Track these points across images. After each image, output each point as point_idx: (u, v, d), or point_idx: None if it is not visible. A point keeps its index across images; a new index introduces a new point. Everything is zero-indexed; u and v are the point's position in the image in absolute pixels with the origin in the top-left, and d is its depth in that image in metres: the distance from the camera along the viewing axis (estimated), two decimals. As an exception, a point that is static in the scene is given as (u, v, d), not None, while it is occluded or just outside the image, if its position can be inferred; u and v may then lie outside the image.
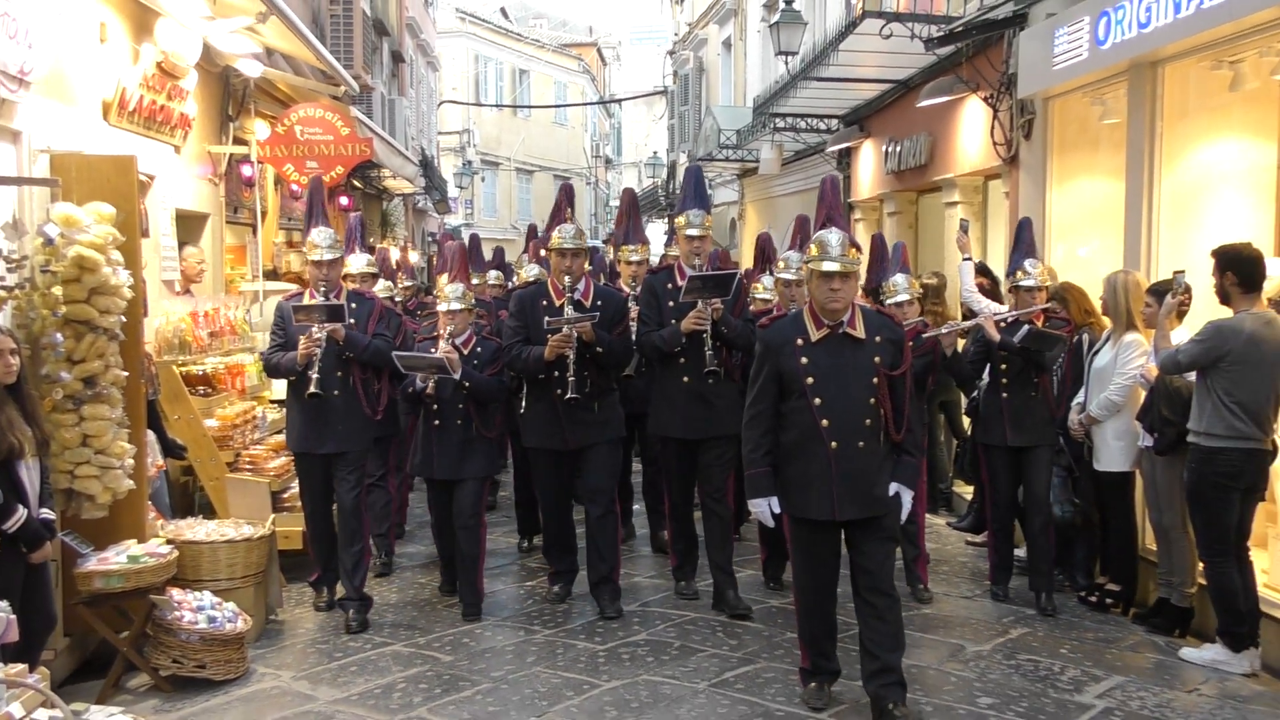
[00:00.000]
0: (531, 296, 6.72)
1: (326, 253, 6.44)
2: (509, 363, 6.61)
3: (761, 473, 4.96)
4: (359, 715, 5.00)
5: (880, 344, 4.90)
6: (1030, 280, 6.74)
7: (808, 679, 5.15)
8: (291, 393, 6.54)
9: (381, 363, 6.52)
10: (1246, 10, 5.97)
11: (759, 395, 4.97)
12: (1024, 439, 6.70)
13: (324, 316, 6.23)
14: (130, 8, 6.92)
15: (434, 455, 6.55)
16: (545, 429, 6.56)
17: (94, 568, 5.38)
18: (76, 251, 5.36)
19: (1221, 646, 5.73)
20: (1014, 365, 6.73)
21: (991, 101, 9.33)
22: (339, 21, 12.95)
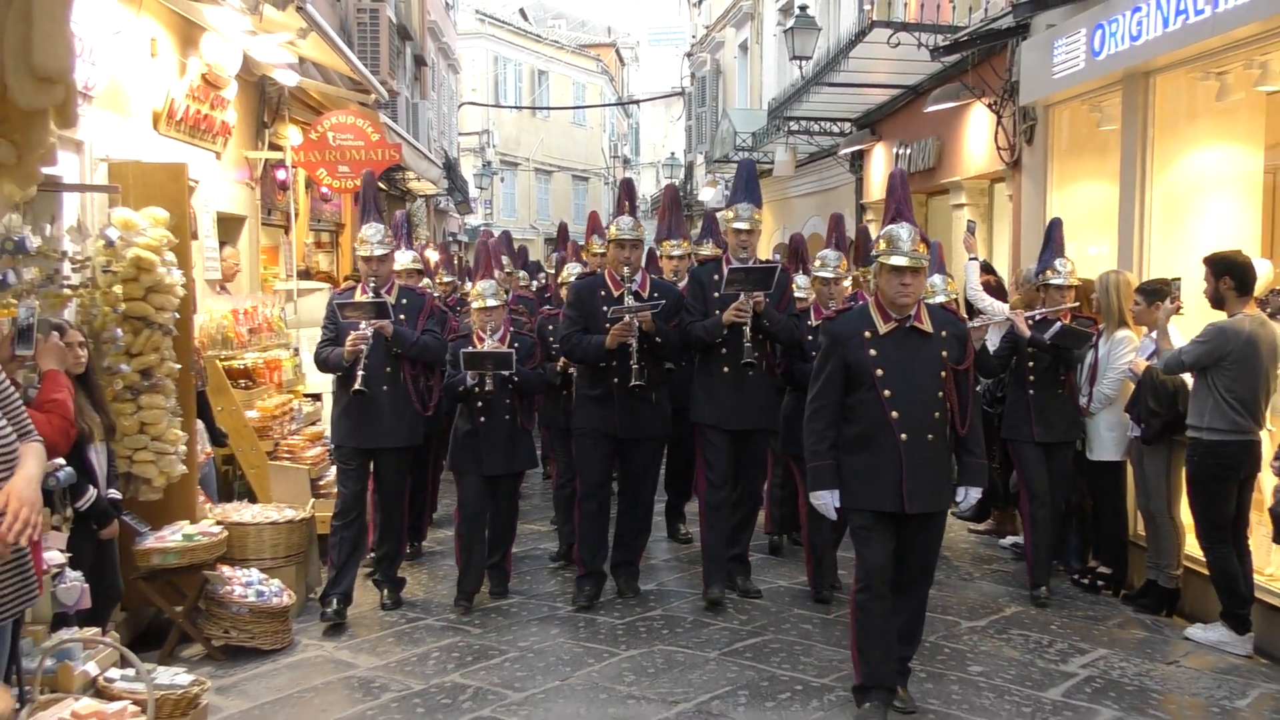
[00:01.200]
0: (589, 287, 6.78)
1: (378, 248, 6.45)
2: (568, 351, 6.69)
3: (825, 465, 4.90)
4: (397, 679, 5.42)
5: (946, 339, 4.91)
6: (1060, 279, 6.88)
7: (862, 698, 4.87)
8: (338, 388, 6.61)
9: (430, 358, 6.58)
10: (1230, 25, 6.34)
11: (824, 388, 4.91)
12: (1051, 435, 6.84)
13: (371, 313, 6.28)
14: (178, 23, 7.36)
15: (482, 451, 6.58)
16: (598, 415, 6.61)
17: (152, 545, 5.80)
18: (135, 253, 5.78)
19: (1225, 628, 6.05)
20: (1041, 362, 6.88)
21: (995, 108, 9.70)
22: (365, 29, 13.39)
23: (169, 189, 6.26)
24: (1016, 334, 6.97)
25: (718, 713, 4.98)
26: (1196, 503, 6.18)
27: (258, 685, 5.38)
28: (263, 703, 5.17)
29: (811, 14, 14.99)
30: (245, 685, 5.38)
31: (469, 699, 5.16)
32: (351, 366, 6.29)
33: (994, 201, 10.99)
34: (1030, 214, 9.26)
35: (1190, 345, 6.12)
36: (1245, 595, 6.04)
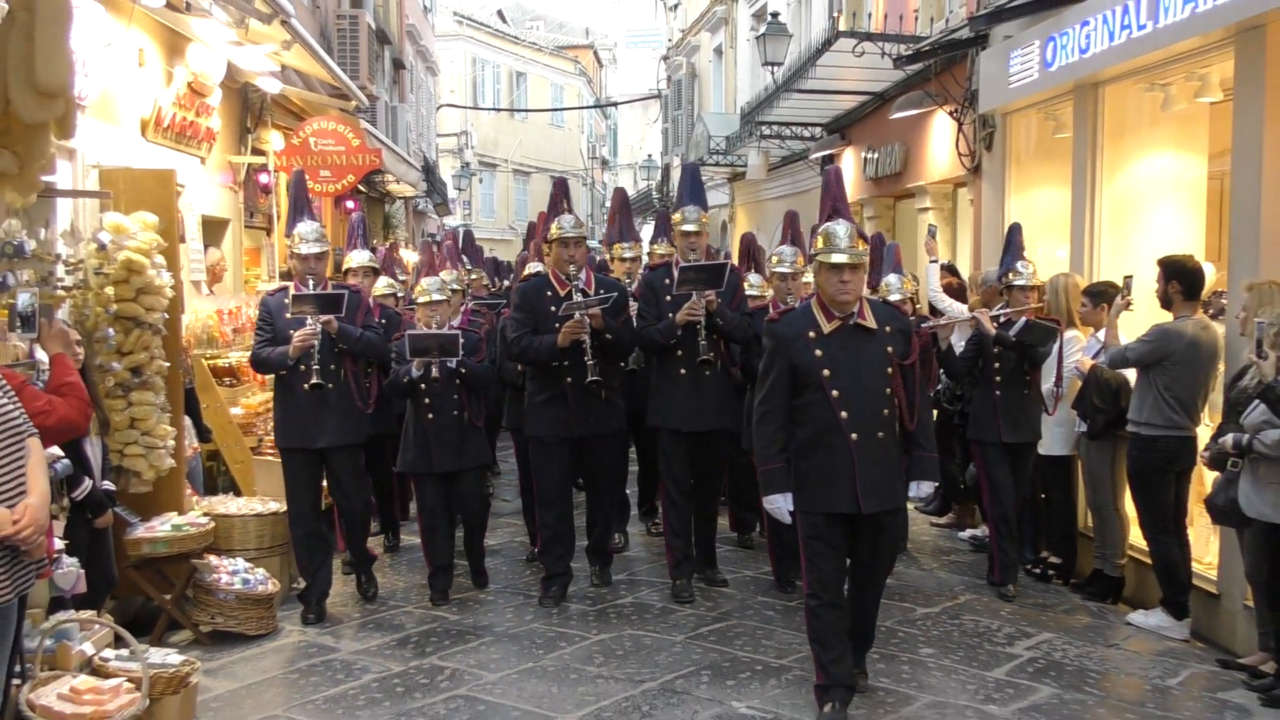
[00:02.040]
0: (535, 288, 6.78)
1: (314, 245, 6.42)
2: (519, 354, 6.62)
3: (776, 468, 4.87)
4: (377, 662, 5.70)
5: (891, 334, 4.88)
6: (1022, 280, 6.99)
7: (823, 698, 4.89)
8: (281, 387, 6.49)
9: (373, 354, 6.57)
10: (1169, 40, 6.67)
11: (771, 391, 4.88)
12: (1018, 435, 6.93)
13: (319, 307, 6.23)
14: (164, 34, 7.61)
15: (431, 449, 6.58)
16: (552, 418, 6.59)
17: (142, 535, 6.05)
18: (126, 256, 6.03)
19: (1164, 613, 6.37)
20: (1007, 362, 6.93)
21: (957, 115, 10.04)
22: (345, 35, 13.63)
23: (158, 194, 6.52)
24: (982, 333, 7.03)
25: (681, 690, 5.29)
26: (1137, 495, 6.51)
27: (244, 668, 5.65)
28: (249, 683, 5.44)
29: (783, 21, 15.31)
30: (232, 668, 5.65)
31: (446, 679, 5.44)
32: (296, 364, 6.27)
33: (957, 205, 11.33)
34: (990, 218, 9.60)
35: (1136, 343, 6.45)
36: (1184, 583, 6.37)
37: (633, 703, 5.14)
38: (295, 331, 6.25)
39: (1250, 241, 6.11)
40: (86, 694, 4.51)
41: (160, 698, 4.80)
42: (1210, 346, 6.33)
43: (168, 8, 6.80)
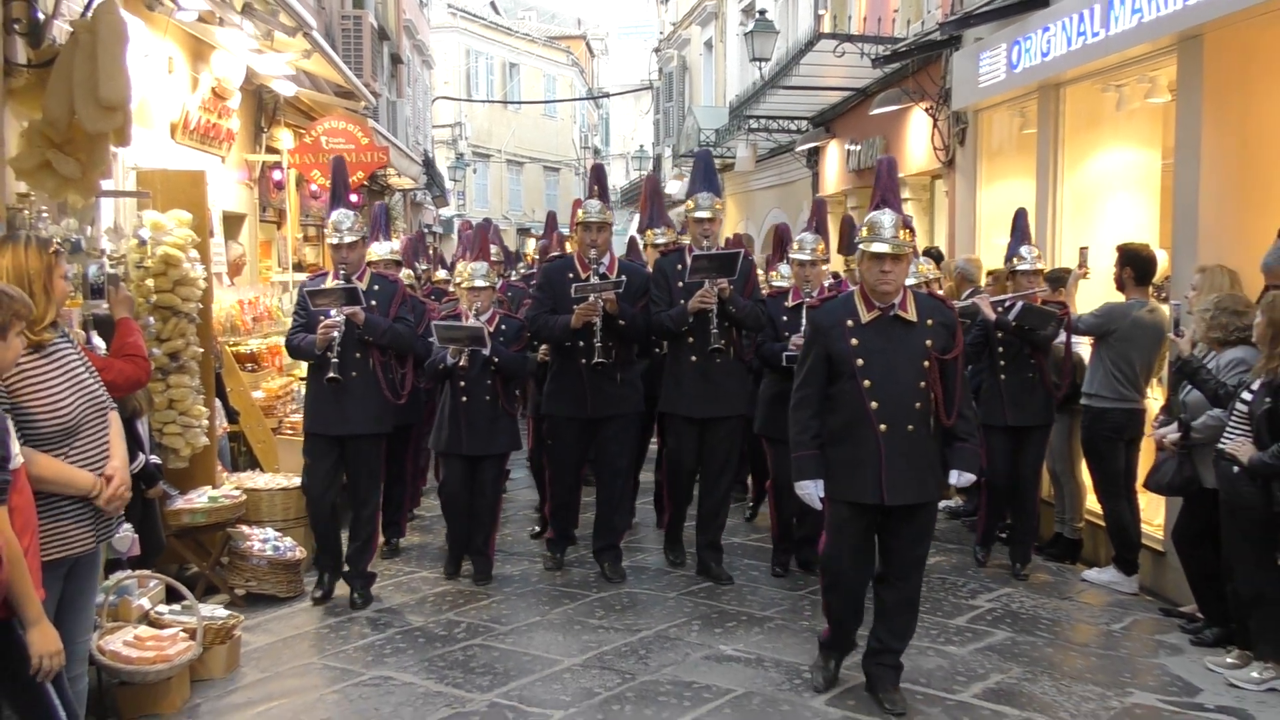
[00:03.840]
0: (559, 269, 6.93)
1: (348, 235, 6.44)
2: (535, 331, 6.78)
3: (809, 455, 4.85)
4: (400, 618, 6.30)
5: (932, 327, 4.81)
6: (1026, 264, 7.01)
7: (826, 653, 5.17)
8: (311, 375, 6.62)
9: (401, 346, 6.57)
10: (1121, 46, 7.27)
11: (808, 377, 4.87)
12: (1024, 419, 7.03)
13: (342, 300, 6.26)
14: (191, 43, 8.16)
15: (462, 431, 6.72)
16: (568, 397, 6.79)
17: (181, 506, 6.62)
18: (164, 250, 6.59)
19: (1116, 570, 7.00)
20: (1011, 347, 7.02)
21: (932, 112, 10.63)
22: (350, 35, 14.16)
23: (190, 193, 7.07)
24: (983, 319, 7.09)
25: (674, 637, 5.89)
26: (1091, 463, 7.12)
27: (279, 624, 6.23)
28: (285, 637, 6.03)
29: (770, 18, 15.86)
30: (268, 625, 6.23)
31: (462, 631, 6.04)
32: (324, 354, 6.30)
33: (934, 197, 11.93)
34: (962, 209, 10.20)
35: (1088, 315, 7.06)
36: (1134, 542, 6.98)
37: (630, 648, 5.75)
38: (322, 320, 6.30)
39: (1190, 229, 6.72)
40: (149, 641, 5.11)
41: (210, 646, 5.40)
42: (1155, 327, 6.93)
43: (199, 21, 7.33)
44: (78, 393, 3.98)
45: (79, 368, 4.02)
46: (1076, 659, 5.64)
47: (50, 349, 3.90)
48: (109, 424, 4.17)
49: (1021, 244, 7.12)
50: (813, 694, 5.10)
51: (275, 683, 5.40)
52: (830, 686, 5.12)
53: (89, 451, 4.00)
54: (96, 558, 4.21)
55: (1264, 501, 5.16)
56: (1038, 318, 6.90)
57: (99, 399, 4.12)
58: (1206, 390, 5.63)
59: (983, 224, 9.98)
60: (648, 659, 5.59)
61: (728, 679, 5.30)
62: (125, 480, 4.08)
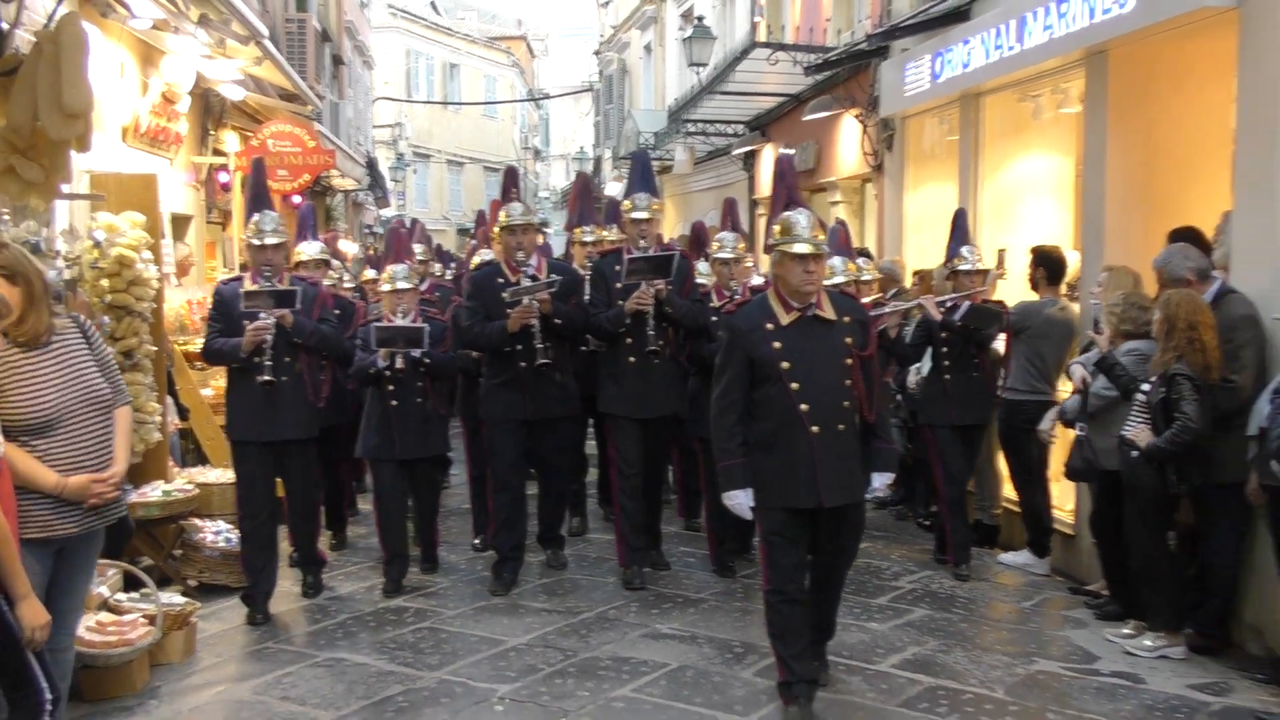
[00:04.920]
0: (487, 276, 6.85)
1: (270, 236, 6.34)
2: (471, 341, 6.74)
3: (736, 464, 4.75)
4: (349, 604, 6.57)
5: (850, 324, 4.79)
6: (968, 264, 7.11)
7: (788, 695, 4.83)
8: (235, 379, 6.43)
9: (329, 348, 6.55)
10: (1034, 59, 7.71)
11: (729, 385, 4.76)
12: (969, 418, 7.14)
13: (273, 302, 6.15)
14: (141, 48, 8.35)
15: (394, 436, 6.64)
16: (507, 401, 6.69)
17: (136, 500, 6.80)
18: (118, 252, 6.78)
19: (1029, 553, 7.42)
20: (955, 346, 7.11)
21: (861, 118, 11.05)
22: (294, 39, 14.29)
23: (143, 196, 7.28)
24: (928, 319, 7.19)
25: (614, 618, 6.23)
26: (1007, 452, 7.54)
27: (232, 613, 6.45)
28: (238, 625, 6.26)
29: (708, 24, 16.25)
30: (222, 613, 6.46)
31: (412, 615, 6.32)
32: (250, 357, 6.19)
33: (864, 200, 12.36)
34: (890, 212, 10.63)
35: None
36: (1046, 526, 7.41)
37: (572, 628, 6.07)
38: (249, 324, 6.16)
39: (1097, 232, 7.18)
40: (110, 626, 5.34)
41: (169, 631, 5.64)
42: (1066, 324, 7.37)
43: (153, 29, 7.53)
44: (67, 387, 4.12)
45: (81, 363, 4.18)
46: (989, 633, 6.05)
47: (51, 344, 4.09)
48: (109, 420, 4.28)
49: (962, 244, 7.24)
50: (743, 667, 5.45)
51: (231, 666, 5.66)
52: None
53: (70, 446, 4.11)
54: (89, 541, 4.31)
55: (1159, 484, 5.60)
56: (984, 317, 7.05)
57: (97, 395, 4.23)
58: (1120, 384, 6.03)
59: (909, 226, 10.41)
60: (588, 638, 5.91)
61: (663, 654, 5.63)
62: (114, 478, 4.22)
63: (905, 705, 4.97)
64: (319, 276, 7.51)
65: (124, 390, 4.48)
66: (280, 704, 5.09)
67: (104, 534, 4.43)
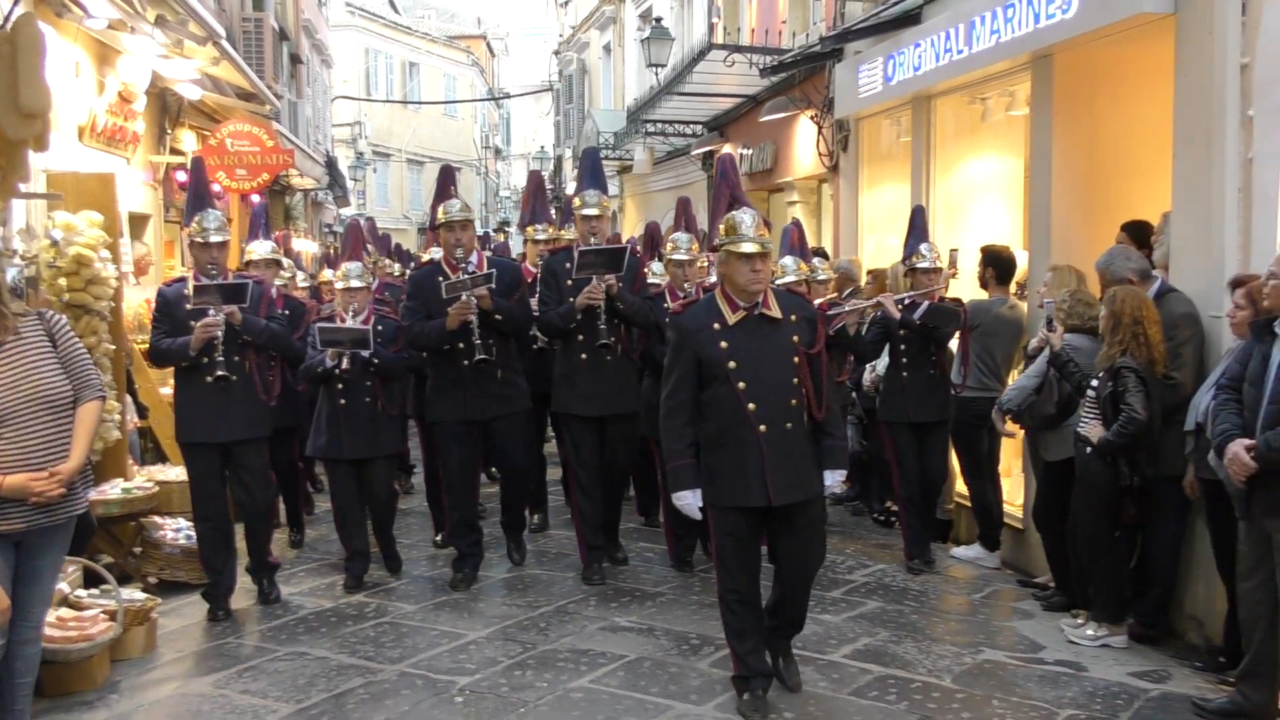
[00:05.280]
0: (427, 275, 6.80)
1: (214, 235, 6.28)
2: (411, 340, 6.67)
3: (684, 465, 4.78)
4: (311, 600, 6.62)
5: (797, 322, 4.81)
6: (926, 262, 7.14)
7: (742, 687, 4.91)
8: (183, 380, 6.33)
9: (278, 346, 6.48)
10: (982, 63, 7.86)
11: (677, 385, 4.78)
12: (926, 415, 7.16)
13: (220, 298, 6.08)
14: (96, 48, 8.35)
15: (342, 435, 6.63)
16: (452, 401, 6.65)
17: (95, 498, 6.81)
18: (75, 251, 6.81)
19: (980, 547, 7.58)
20: (913, 344, 7.15)
21: (817, 119, 11.20)
22: (250, 38, 14.27)
23: (100, 195, 7.30)
24: (887, 317, 7.21)
25: (573, 612, 6.32)
26: (958, 448, 7.69)
27: (192, 609, 6.48)
28: (199, 620, 6.31)
29: (666, 25, 16.37)
30: (182, 609, 6.49)
31: (373, 611, 6.39)
32: (199, 356, 6.12)
33: (821, 200, 12.53)
34: (846, 211, 10.78)
35: None
36: (997, 520, 7.58)
37: (532, 621, 6.16)
38: (196, 323, 6.07)
39: (1043, 231, 7.34)
40: (71, 622, 5.37)
41: (129, 627, 5.67)
42: (1015, 322, 7.54)
43: (109, 28, 7.54)
44: (13, 387, 4.20)
45: (34, 362, 4.26)
46: (939, 624, 6.19)
47: (4, 344, 4.17)
48: (63, 419, 4.34)
49: (921, 241, 7.26)
50: (699, 658, 5.56)
51: (192, 661, 5.71)
52: (768, 716, 4.84)
53: (15, 444, 4.19)
54: (48, 534, 4.36)
55: (1112, 477, 5.74)
56: (943, 316, 7.08)
57: (49, 394, 4.30)
58: (1072, 381, 6.17)
59: (864, 226, 10.56)
60: (548, 631, 6.00)
61: (621, 646, 5.74)
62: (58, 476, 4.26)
63: (856, 694, 5.10)
64: (269, 276, 7.47)
65: (94, 385, 4.51)
66: (241, 697, 5.15)
67: (71, 527, 4.48)
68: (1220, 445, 4.84)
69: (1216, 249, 5.78)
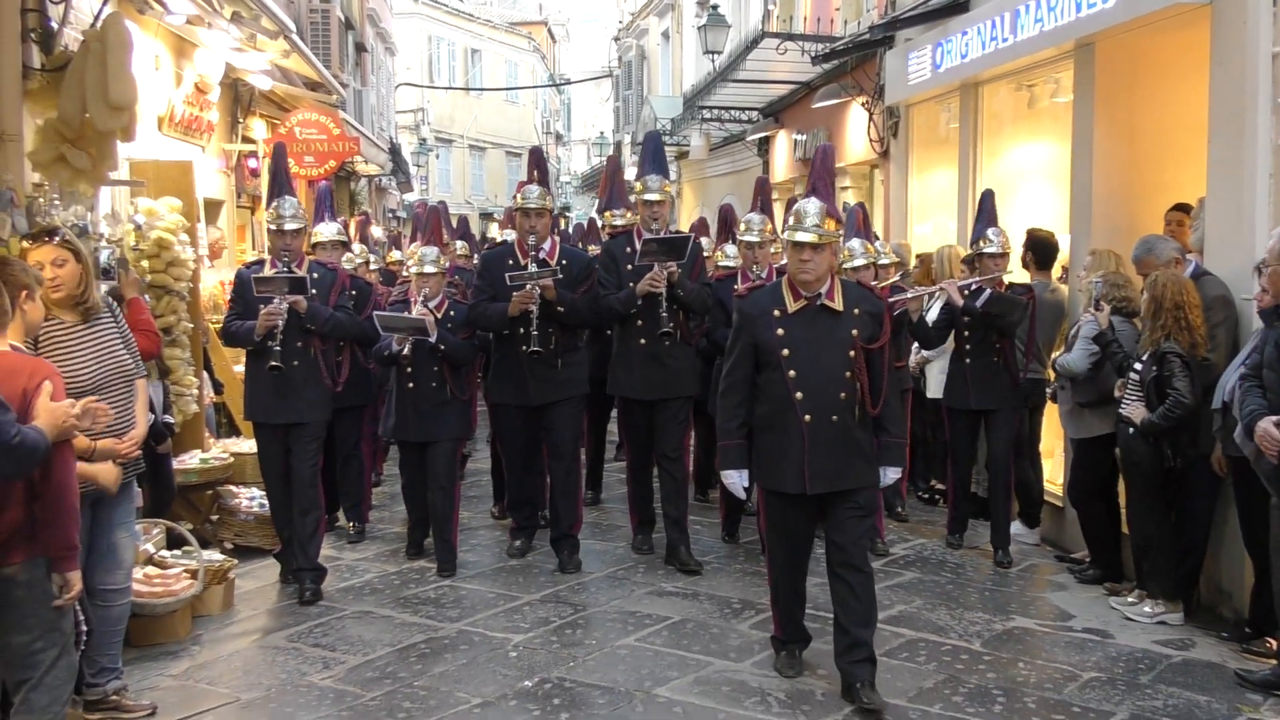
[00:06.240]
0: (498, 256, 6.89)
1: (289, 222, 6.36)
2: (474, 319, 6.75)
3: (734, 444, 4.89)
4: (376, 565, 7.02)
5: (859, 316, 4.79)
6: (993, 247, 7.00)
7: (779, 647, 5.19)
8: (250, 362, 6.50)
9: (342, 335, 6.59)
10: (1027, 51, 8.04)
11: (735, 365, 4.89)
12: (987, 403, 7.09)
13: (286, 288, 6.16)
14: (175, 41, 8.78)
15: (409, 418, 6.75)
16: (510, 385, 6.78)
17: (175, 467, 7.28)
18: (157, 235, 7.25)
19: (1021, 523, 7.78)
20: (976, 331, 7.07)
21: (868, 106, 11.39)
22: (318, 28, 14.72)
23: (180, 182, 7.74)
24: (951, 304, 7.17)
25: (622, 578, 6.69)
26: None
27: (266, 572, 6.89)
28: (272, 582, 6.71)
29: (722, 12, 16.57)
30: (257, 572, 6.90)
31: (433, 575, 6.76)
32: (263, 341, 6.23)
33: (873, 185, 12.71)
34: (896, 196, 10.98)
35: None
36: (1036, 499, 7.78)
37: (583, 586, 6.51)
38: (264, 308, 6.19)
39: (1085, 216, 7.52)
40: (156, 579, 5.79)
41: (209, 585, 6.08)
42: (1057, 305, 7.72)
43: (186, 24, 7.96)
44: (101, 360, 4.66)
45: (113, 339, 4.71)
46: (973, 594, 6.44)
47: (92, 322, 4.58)
48: (132, 390, 4.82)
49: (989, 226, 7.13)
50: (740, 620, 5.86)
51: (267, 618, 6.11)
52: (799, 673, 5.11)
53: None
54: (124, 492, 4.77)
55: (1155, 458, 5.93)
56: (1006, 305, 6.96)
57: (125, 368, 4.77)
58: (1114, 362, 6.35)
59: (913, 210, 10.75)
60: (598, 595, 6.35)
61: (667, 609, 6.06)
62: (135, 439, 4.73)
63: (887, 655, 5.35)
64: (336, 258, 7.58)
65: (141, 364, 4.98)
66: (312, 650, 5.54)
67: (133, 485, 4.94)
68: (1249, 425, 5.00)
69: (1248, 233, 5.94)
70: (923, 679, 5.14)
